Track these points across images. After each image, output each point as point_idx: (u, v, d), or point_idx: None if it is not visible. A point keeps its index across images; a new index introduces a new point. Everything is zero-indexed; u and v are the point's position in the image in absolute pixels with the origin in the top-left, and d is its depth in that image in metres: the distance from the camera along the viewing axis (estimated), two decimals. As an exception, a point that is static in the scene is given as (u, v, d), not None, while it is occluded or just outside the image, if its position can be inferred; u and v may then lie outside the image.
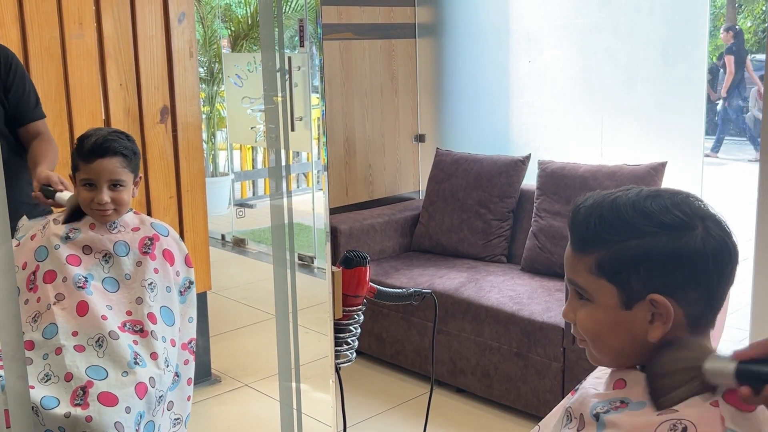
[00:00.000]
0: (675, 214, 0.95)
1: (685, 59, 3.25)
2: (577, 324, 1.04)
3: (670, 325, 0.96)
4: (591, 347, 1.04)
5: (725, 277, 0.98)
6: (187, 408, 2.00)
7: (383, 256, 3.67)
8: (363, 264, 1.69)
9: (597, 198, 1.00)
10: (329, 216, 2.32)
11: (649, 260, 0.95)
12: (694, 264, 0.95)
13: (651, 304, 0.96)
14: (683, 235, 0.95)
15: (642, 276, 0.96)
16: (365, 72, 3.96)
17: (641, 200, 0.97)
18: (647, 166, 3.11)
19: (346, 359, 1.76)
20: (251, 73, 5.39)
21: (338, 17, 3.83)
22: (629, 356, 1.02)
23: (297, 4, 5.87)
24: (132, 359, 1.80)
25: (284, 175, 1.73)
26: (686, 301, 0.96)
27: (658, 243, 0.95)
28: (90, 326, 1.81)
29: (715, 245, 0.95)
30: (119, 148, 1.95)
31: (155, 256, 1.96)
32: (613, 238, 0.97)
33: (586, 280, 1.00)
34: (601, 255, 0.98)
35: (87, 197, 1.94)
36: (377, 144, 4.06)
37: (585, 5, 3.51)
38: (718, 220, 0.98)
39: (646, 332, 0.97)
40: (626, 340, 1.00)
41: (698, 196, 1.00)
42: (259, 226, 6.17)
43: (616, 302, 0.98)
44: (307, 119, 4.79)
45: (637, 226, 0.96)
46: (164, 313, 1.93)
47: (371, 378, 3.39)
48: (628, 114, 3.43)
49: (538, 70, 3.70)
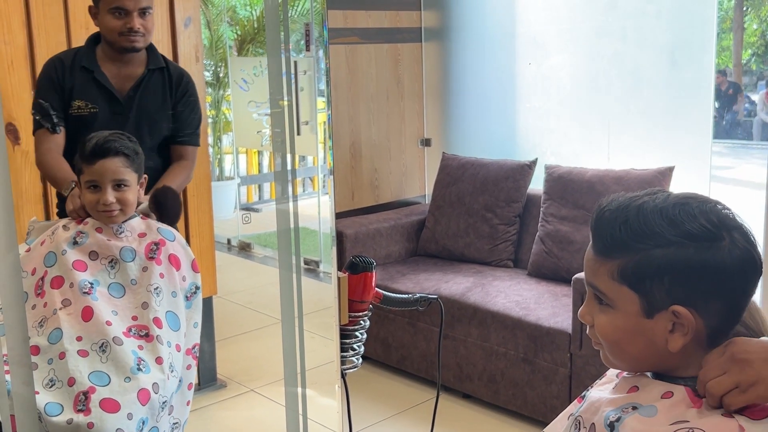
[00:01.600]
0: (702, 223, 0.93)
1: (693, 63, 3.23)
2: (596, 329, 1.02)
3: (691, 336, 0.95)
4: (608, 352, 1.03)
5: (749, 290, 0.96)
6: (185, 413, 1.99)
7: (389, 261, 3.66)
8: (369, 269, 1.69)
9: (623, 201, 0.98)
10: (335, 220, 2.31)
11: (674, 271, 0.93)
12: (719, 276, 0.93)
13: (673, 315, 0.94)
14: (710, 246, 0.93)
15: (666, 286, 0.94)
16: (371, 76, 3.96)
17: (669, 207, 0.95)
18: (655, 171, 3.10)
19: (352, 365, 1.75)
20: (257, 77, 5.39)
21: (344, 21, 3.83)
22: (646, 363, 1.01)
23: (303, 8, 5.87)
24: (135, 365, 1.79)
25: (290, 180, 1.73)
26: (708, 313, 0.94)
27: (684, 254, 0.93)
28: (94, 331, 1.81)
29: (741, 257, 0.94)
30: (120, 147, 1.95)
31: (161, 261, 1.96)
32: (638, 246, 0.95)
33: (607, 285, 0.98)
34: (624, 262, 0.96)
35: (92, 199, 1.94)
36: (383, 148, 4.06)
37: (591, 9, 3.50)
38: (745, 231, 0.96)
39: (666, 341, 0.96)
40: (645, 348, 0.98)
41: (725, 205, 0.98)
42: (264, 230, 6.17)
43: (638, 310, 0.96)
44: (313, 123, 4.79)
45: (663, 234, 0.94)
46: (170, 317, 1.93)
47: (377, 383, 3.38)
48: (635, 118, 3.41)
49: (544, 75, 3.69)
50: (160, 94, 2.44)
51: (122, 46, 2.35)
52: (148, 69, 2.42)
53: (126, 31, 2.31)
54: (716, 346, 0.97)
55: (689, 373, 0.98)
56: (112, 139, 1.96)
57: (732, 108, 10.75)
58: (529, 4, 3.73)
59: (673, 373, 0.99)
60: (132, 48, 2.35)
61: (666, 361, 0.98)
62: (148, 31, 2.36)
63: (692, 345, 0.96)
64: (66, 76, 2.36)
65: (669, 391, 0.97)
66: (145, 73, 2.42)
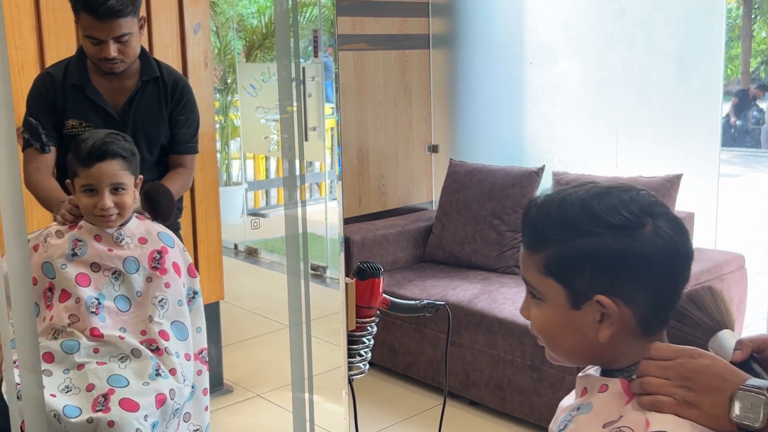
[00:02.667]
0: (622, 214, 0.93)
1: (701, 71, 3.23)
2: (531, 323, 1.03)
3: (618, 326, 0.95)
4: (545, 346, 1.03)
5: (675, 277, 0.96)
6: (205, 418, 1.98)
7: (396, 267, 3.66)
8: (376, 275, 1.68)
9: (549, 196, 0.99)
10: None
11: (594, 261, 0.93)
12: (640, 265, 0.93)
13: (598, 305, 0.94)
14: (629, 234, 0.93)
15: (587, 276, 0.94)
16: (379, 82, 3.97)
17: (589, 199, 0.95)
18: (662, 179, 3.09)
19: (359, 371, 1.74)
20: (265, 83, 5.41)
21: (352, 28, 3.84)
22: (582, 356, 1.01)
23: (311, 15, 5.89)
24: (154, 371, 1.79)
25: (299, 185, 1.73)
26: (634, 302, 0.94)
27: (604, 243, 0.93)
28: (111, 346, 1.81)
29: (663, 245, 0.93)
30: (118, 150, 1.88)
31: (166, 270, 1.91)
32: (559, 238, 0.95)
33: (536, 279, 1.00)
34: (548, 254, 0.97)
35: (89, 204, 1.87)
36: (390, 154, 4.06)
37: (600, 17, 3.50)
38: (672, 219, 0.96)
39: (596, 332, 0.96)
40: (577, 340, 0.98)
41: (652, 193, 0.98)
42: (271, 235, 6.18)
43: (565, 302, 0.97)
44: (321, 129, 4.80)
45: (582, 226, 0.94)
46: (176, 328, 1.90)
47: (383, 389, 3.37)
48: (643, 126, 3.41)
49: (552, 81, 3.69)
50: (155, 105, 2.36)
51: (102, 69, 2.26)
52: (142, 80, 2.33)
53: (102, 59, 2.21)
54: (652, 334, 0.97)
55: (627, 364, 0.98)
56: (109, 141, 1.88)
57: (741, 116, 10.74)
58: (537, 11, 3.74)
59: (612, 365, 0.99)
60: (111, 73, 2.26)
61: (601, 353, 0.98)
62: (128, 56, 2.24)
63: (624, 335, 0.96)
64: (58, 94, 2.28)
65: (605, 384, 0.98)
66: (139, 85, 2.33)
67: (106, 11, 2.10)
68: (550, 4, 3.68)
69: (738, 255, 3.17)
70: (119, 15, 2.12)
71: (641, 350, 0.96)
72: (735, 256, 3.16)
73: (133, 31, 2.21)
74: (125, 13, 2.13)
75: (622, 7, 3.42)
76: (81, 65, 2.31)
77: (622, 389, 0.96)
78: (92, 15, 2.12)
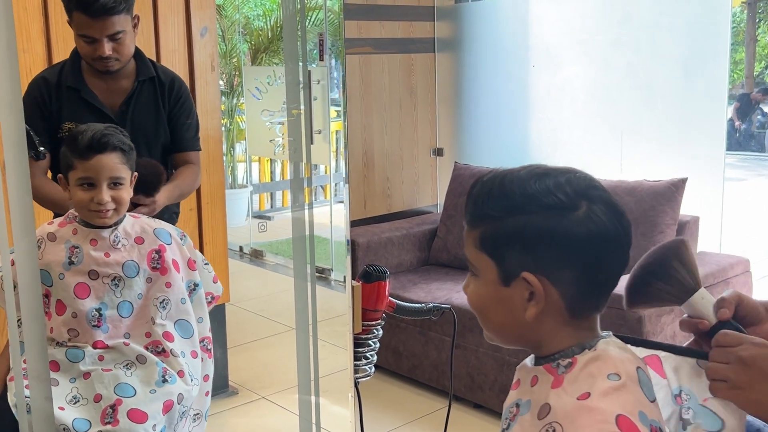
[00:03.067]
0: (557, 195, 0.95)
1: (706, 75, 3.23)
2: (467, 298, 1.05)
3: (544, 304, 0.96)
4: (479, 321, 1.05)
5: (605, 262, 0.96)
6: (206, 403, 1.98)
7: (401, 270, 3.67)
8: (382, 278, 1.69)
9: (494, 174, 1.01)
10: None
11: (524, 238, 0.95)
12: (567, 245, 0.94)
13: (525, 282, 0.96)
14: (561, 215, 0.94)
15: (517, 253, 0.96)
16: (384, 86, 3.98)
17: (527, 179, 0.97)
18: (667, 182, 3.09)
19: (365, 374, 1.75)
20: (270, 86, 5.42)
21: (358, 32, 3.85)
22: (511, 335, 1.03)
23: (317, 18, 5.90)
24: (160, 377, 1.79)
25: (305, 187, 1.74)
26: (562, 282, 0.95)
27: (534, 221, 0.95)
28: (116, 353, 1.81)
29: (593, 228, 0.94)
30: (118, 143, 1.82)
31: (166, 269, 1.88)
32: (495, 215, 0.98)
33: (472, 254, 1.02)
34: (484, 230, 0.99)
35: (85, 198, 1.79)
36: (395, 157, 4.07)
37: (605, 21, 3.51)
38: (609, 203, 0.97)
39: (524, 311, 0.97)
40: (507, 318, 1.00)
41: (593, 178, 1.00)
42: (276, 238, 6.19)
43: (496, 278, 0.99)
44: (326, 132, 4.81)
45: (518, 204, 0.96)
46: (180, 327, 1.90)
47: (388, 392, 3.38)
48: (648, 130, 3.41)
49: (557, 85, 3.69)
50: (152, 105, 2.34)
51: (97, 69, 2.25)
52: (138, 81, 2.31)
53: (97, 58, 2.19)
54: (580, 318, 0.98)
55: (554, 349, 0.99)
56: (108, 133, 1.81)
57: (745, 120, 10.72)
58: (542, 15, 3.74)
59: (539, 349, 1.01)
60: (106, 72, 2.25)
61: (529, 333, 1.00)
62: (123, 54, 2.22)
63: (551, 316, 0.97)
64: (52, 97, 2.25)
65: (535, 376, 1.00)
66: (135, 85, 2.31)
67: (99, 9, 2.09)
68: (556, 9, 3.68)
69: (743, 259, 3.17)
70: (112, 12, 2.11)
71: (569, 335, 0.98)
72: (740, 260, 3.16)
73: (127, 29, 2.19)
74: (118, 10, 2.12)
75: (628, 11, 3.42)
76: (76, 67, 2.29)
77: (549, 374, 0.97)
78: (85, 13, 2.11)
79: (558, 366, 0.97)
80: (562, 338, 0.98)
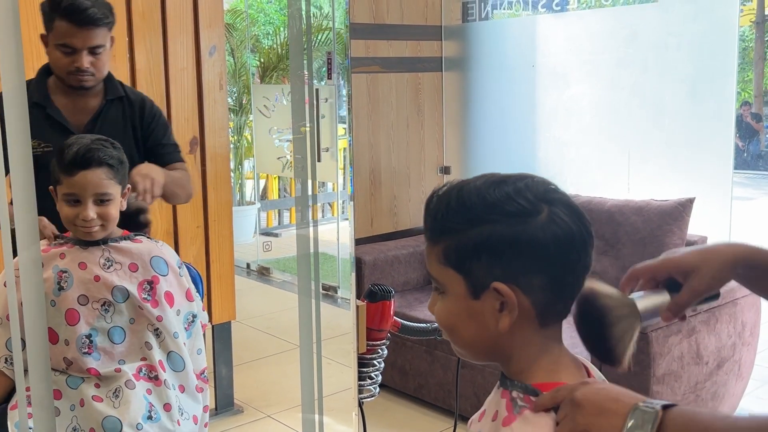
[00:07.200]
0: (517, 201, 0.94)
1: (713, 95, 3.23)
2: (435, 317, 1.02)
3: (517, 313, 0.94)
4: (449, 339, 1.03)
5: (571, 264, 0.95)
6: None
7: (407, 288, 3.66)
8: (387, 298, 1.69)
9: (449, 187, 0.99)
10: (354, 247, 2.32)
11: (489, 248, 0.93)
12: (534, 251, 0.93)
13: (496, 292, 0.94)
14: (523, 221, 0.93)
15: (484, 264, 0.94)
16: (392, 104, 3.99)
17: (485, 188, 0.96)
18: (675, 202, 3.09)
19: (370, 394, 1.74)
20: (279, 104, 5.45)
21: (366, 51, 3.87)
22: (483, 349, 1.00)
23: (325, 38, 5.94)
24: (146, 413, 1.77)
25: (311, 205, 1.74)
26: (531, 289, 0.94)
27: (498, 230, 0.93)
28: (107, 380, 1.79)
29: (558, 232, 0.93)
30: (104, 157, 1.76)
31: (157, 302, 1.83)
32: (457, 227, 0.95)
33: (437, 270, 0.99)
34: (447, 244, 0.96)
35: (70, 213, 1.75)
36: (402, 175, 4.08)
37: (612, 40, 3.52)
38: (569, 205, 0.96)
39: (497, 322, 0.95)
40: (478, 332, 0.98)
41: (550, 181, 0.99)
42: (283, 255, 6.19)
43: (465, 292, 0.96)
44: (333, 150, 4.83)
45: (479, 214, 0.94)
46: (171, 359, 1.87)
47: (394, 411, 3.36)
48: (655, 149, 3.41)
49: (565, 105, 3.70)
50: (121, 124, 2.28)
51: (70, 84, 2.20)
52: (107, 99, 2.26)
53: (74, 70, 2.14)
54: (550, 325, 0.98)
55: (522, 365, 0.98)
56: (95, 148, 1.75)
57: (748, 141, 10.70)
58: (549, 34, 3.76)
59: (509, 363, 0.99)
60: (80, 87, 2.20)
61: (501, 346, 0.98)
62: (99, 70, 2.18)
63: (524, 325, 0.95)
64: None
65: (496, 411, 0.98)
66: (104, 104, 2.26)
67: (87, 18, 2.08)
68: (563, 28, 3.70)
69: (751, 279, 3.15)
70: (98, 24, 2.11)
71: (538, 346, 0.97)
72: (748, 281, 3.13)
73: (106, 45, 2.18)
74: (104, 22, 2.12)
75: (635, 31, 3.43)
76: (42, 85, 2.24)
77: (505, 410, 0.96)
78: (71, 21, 2.09)
79: (515, 402, 0.96)
80: (531, 350, 0.97)
